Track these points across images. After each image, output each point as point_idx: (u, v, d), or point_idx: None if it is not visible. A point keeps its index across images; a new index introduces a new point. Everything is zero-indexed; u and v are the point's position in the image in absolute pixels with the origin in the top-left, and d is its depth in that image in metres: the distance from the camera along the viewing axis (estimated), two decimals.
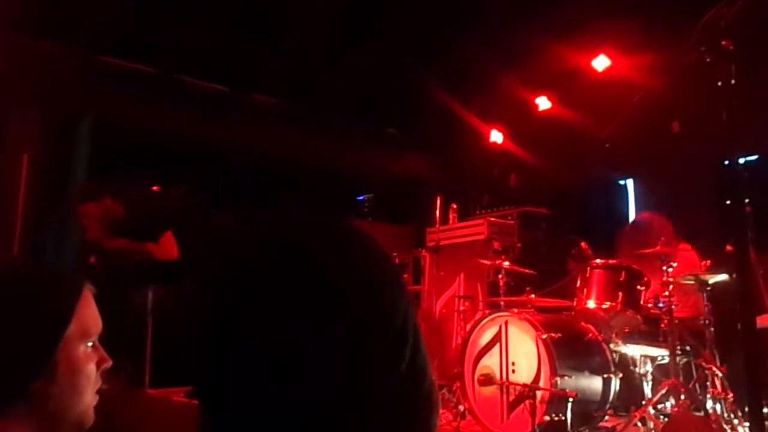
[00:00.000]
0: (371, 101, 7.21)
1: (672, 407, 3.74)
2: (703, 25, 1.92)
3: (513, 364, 4.05)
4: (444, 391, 4.66)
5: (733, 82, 1.88)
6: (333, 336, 0.64)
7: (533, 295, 4.47)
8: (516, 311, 4.18)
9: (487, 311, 4.66)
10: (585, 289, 4.15)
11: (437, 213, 5.86)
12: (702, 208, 5.06)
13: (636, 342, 4.03)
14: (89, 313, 1.16)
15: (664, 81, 5.04)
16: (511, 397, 4.00)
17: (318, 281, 0.65)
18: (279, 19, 6.20)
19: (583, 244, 4.67)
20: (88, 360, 1.14)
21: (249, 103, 6.84)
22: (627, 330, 4.07)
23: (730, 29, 1.89)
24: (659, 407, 3.85)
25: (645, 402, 3.80)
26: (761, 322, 2.59)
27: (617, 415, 4.23)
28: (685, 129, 5.73)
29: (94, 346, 1.17)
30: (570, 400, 3.69)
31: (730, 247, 2.79)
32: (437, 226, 5.93)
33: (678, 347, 3.80)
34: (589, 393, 3.96)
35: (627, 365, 4.13)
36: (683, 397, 3.66)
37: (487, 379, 4.14)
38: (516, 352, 4.06)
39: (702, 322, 3.84)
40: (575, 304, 4.22)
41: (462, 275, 5.96)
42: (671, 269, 3.87)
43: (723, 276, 3.76)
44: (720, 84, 1.89)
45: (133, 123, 6.12)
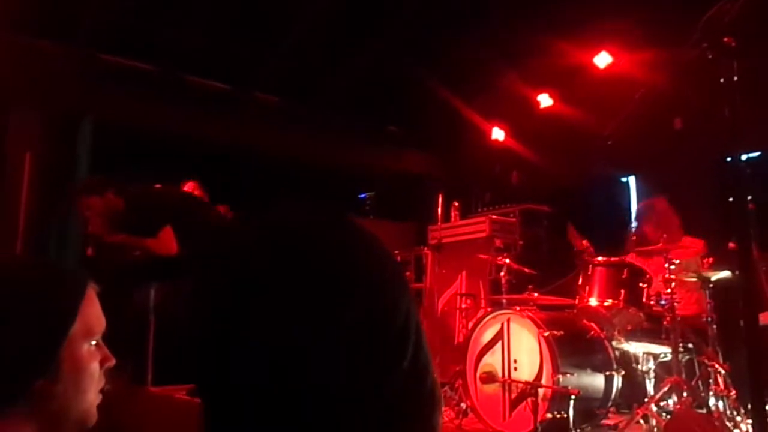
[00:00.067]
0: (373, 99, 7.21)
1: (674, 404, 3.74)
2: (706, 22, 1.91)
3: (515, 361, 4.05)
4: (446, 389, 4.66)
5: (736, 78, 1.88)
6: (334, 335, 0.64)
7: (535, 293, 4.47)
8: (518, 309, 4.17)
9: (489, 309, 4.66)
10: (587, 287, 4.15)
11: (439, 211, 5.86)
12: (704, 205, 5.05)
13: (638, 339, 4.03)
14: (93, 312, 1.16)
15: (666, 78, 5.02)
16: (513, 395, 4.00)
17: (319, 280, 0.65)
18: (280, 18, 6.19)
19: (585, 241, 4.67)
20: (91, 358, 1.14)
21: (250, 102, 6.83)
22: (629, 327, 4.07)
23: (732, 26, 1.88)
24: (662, 405, 3.84)
25: (647, 399, 3.80)
26: (764, 319, 2.59)
27: (619, 413, 4.24)
28: (688, 126, 5.71)
29: (97, 344, 1.17)
30: (572, 397, 3.68)
31: (732, 245, 2.78)
32: (439, 223, 5.93)
33: (680, 344, 3.80)
34: (592, 390, 3.96)
35: (629, 363, 4.13)
36: (686, 395, 3.66)
37: (489, 377, 4.14)
38: (518, 349, 4.06)
39: (704, 319, 3.85)
40: (577, 301, 4.22)
41: (464, 273, 5.96)
42: (673, 266, 3.87)
43: (725, 273, 3.76)
44: (722, 81, 1.88)
45: (134, 121, 6.12)
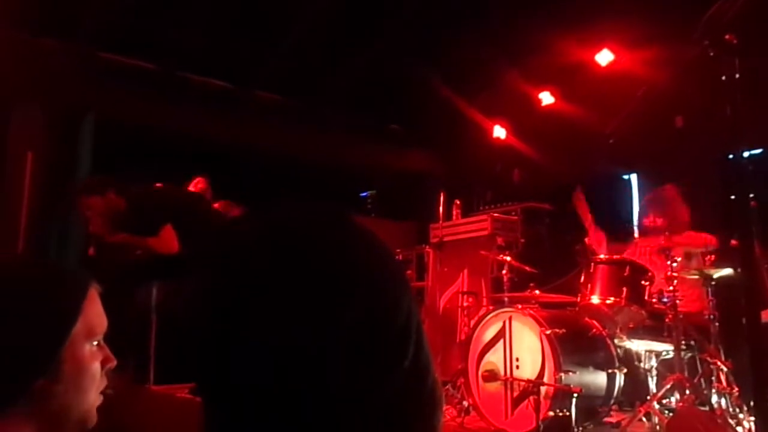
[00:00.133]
0: (374, 98, 7.21)
1: (677, 402, 3.74)
2: (707, 20, 1.91)
3: (517, 359, 4.05)
4: (448, 387, 4.66)
5: (737, 76, 1.87)
6: (334, 335, 0.63)
7: (537, 291, 4.47)
8: (520, 307, 4.17)
9: (491, 307, 4.66)
10: (589, 285, 4.15)
11: (440, 209, 5.86)
12: (706, 202, 5.05)
13: (640, 337, 4.03)
14: (95, 312, 1.16)
15: (667, 75, 5.02)
16: (516, 393, 4.00)
17: (319, 280, 0.65)
18: (281, 16, 6.19)
19: (587, 239, 4.67)
20: (93, 359, 1.14)
21: (251, 100, 6.83)
22: (631, 325, 4.06)
23: (733, 23, 1.88)
24: (664, 402, 3.84)
25: (650, 397, 3.80)
26: (766, 316, 2.59)
27: (622, 411, 4.23)
28: (689, 123, 5.70)
29: (99, 345, 1.16)
30: (574, 395, 3.68)
31: (734, 242, 2.78)
32: (440, 222, 5.93)
33: (683, 342, 3.80)
34: (594, 388, 3.95)
35: (631, 360, 4.13)
36: (688, 392, 3.66)
37: (491, 375, 4.13)
38: (520, 347, 4.05)
39: (706, 316, 3.84)
40: (579, 299, 4.22)
41: (466, 271, 5.96)
42: (675, 264, 3.86)
43: (728, 270, 3.75)
44: (724, 78, 1.88)
45: (135, 120, 6.12)
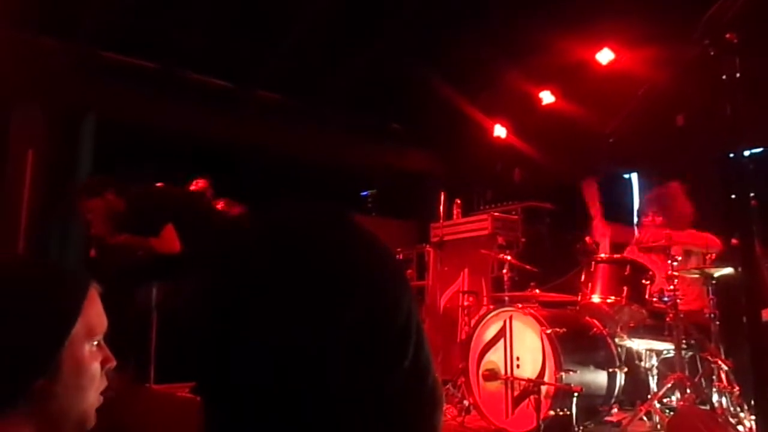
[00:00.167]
0: (374, 97, 7.20)
1: (677, 401, 3.74)
2: (708, 19, 1.91)
3: (518, 359, 4.05)
4: (449, 387, 4.66)
5: (738, 75, 1.87)
6: (334, 335, 0.63)
7: (537, 290, 4.47)
8: (520, 306, 4.17)
9: (492, 306, 4.66)
10: (589, 284, 4.14)
11: (441, 208, 5.86)
12: (707, 201, 5.04)
13: (641, 336, 4.02)
14: (95, 312, 1.15)
15: (668, 74, 5.01)
16: (516, 392, 4.00)
17: (319, 280, 0.65)
18: (282, 16, 6.19)
19: (588, 238, 4.66)
20: (92, 359, 1.14)
21: (252, 100, 6.83)
22: (632, 324, 4.06)
23: (734, 23, 1.87)
24: (665, 401, 3.85)
25: (650, 396, 3.80)
26: (767, 315, 2.58)
27: (623, 410, 4.23)
28: (690, 122, 5.70)
29: (98, 345, 1.16)
30: (575, 394, 3.68)
31: (735, 241, 2.78)
32: (441, 221, 5.93)
33: (683, 341, 3.80)
34: (594, 387, 3.95)
35: (632, 359, 4.13)
36: (689, 391, 3.66)
37: (492, 374, 4.14)
38: (520, 347, 4.06)
39: (707, 315, 3.84)
40: (580, 298, 4.22)
41: (466, 270, 5.96)
42: (675, 263, 3.86)
43: (728, 269, 3.75)
44: (724, 77, 1.87)
45: (136, 119, 6.12)
